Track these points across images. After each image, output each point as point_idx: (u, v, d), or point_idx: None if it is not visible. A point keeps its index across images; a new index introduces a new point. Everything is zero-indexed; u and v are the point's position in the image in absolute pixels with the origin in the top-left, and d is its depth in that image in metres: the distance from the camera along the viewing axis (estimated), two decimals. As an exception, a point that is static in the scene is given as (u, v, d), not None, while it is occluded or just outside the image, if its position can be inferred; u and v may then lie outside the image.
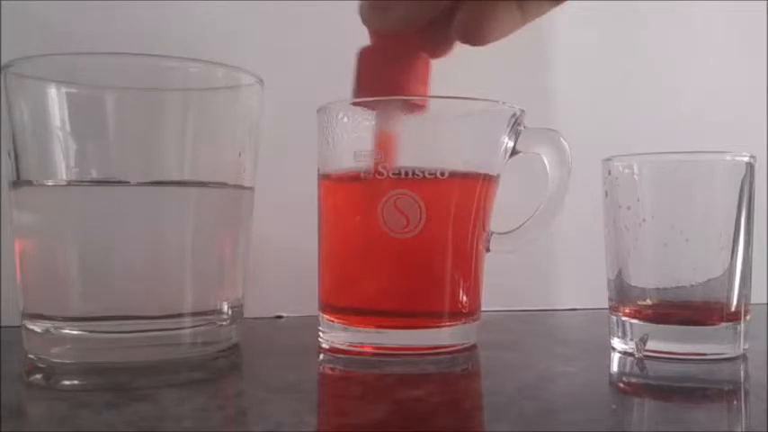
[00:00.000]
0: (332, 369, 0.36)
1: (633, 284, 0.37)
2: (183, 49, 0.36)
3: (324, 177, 0.39)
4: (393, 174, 0.36)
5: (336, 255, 0.39)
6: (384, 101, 0.36)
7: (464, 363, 0.37)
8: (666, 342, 0.36)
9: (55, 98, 0.34)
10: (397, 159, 0.36)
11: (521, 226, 0.39)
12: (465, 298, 0.38)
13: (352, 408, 0.29)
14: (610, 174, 0.38)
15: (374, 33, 0.35)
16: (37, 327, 0.35)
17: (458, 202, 0.37)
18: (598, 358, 0.38)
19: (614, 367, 0.36)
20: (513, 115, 0.38)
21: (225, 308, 0.37)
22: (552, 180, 0.39)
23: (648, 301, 0.37)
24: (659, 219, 0.37)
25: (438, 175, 0.36)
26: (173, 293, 0.35)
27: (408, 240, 0.36)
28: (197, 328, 0.36)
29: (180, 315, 0.35)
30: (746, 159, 0.37)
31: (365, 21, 0.34)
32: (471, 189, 0.37)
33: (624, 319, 0.38)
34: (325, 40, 0.49)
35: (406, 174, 0.36)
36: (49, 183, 0.34)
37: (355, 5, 0.33)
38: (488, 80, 0.50)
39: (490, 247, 0.39)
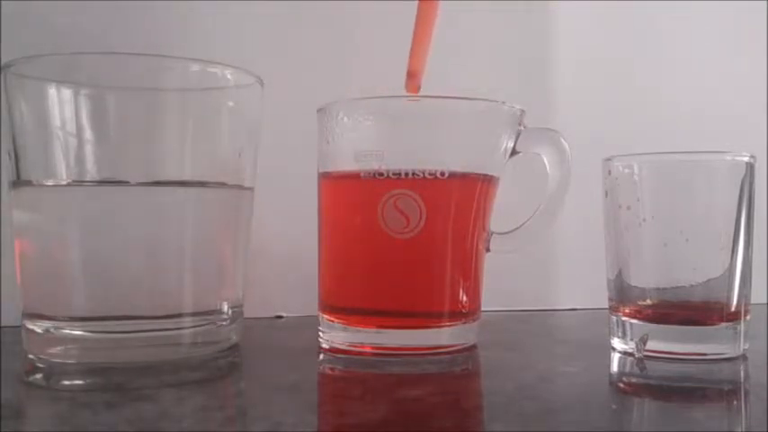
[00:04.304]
0: (332, 369, 0.36)
1: (633, 284, 0.37)
2: (183, 49, 0.36)
3: (324, 177, 0.39)
4: (393, 174, 0.36)
5: (336, 255, 0.39)
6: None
7: (464, 363, 0.37)
8: (666, 342, 0.36)
9: (55, 98, 0.34)
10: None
11: (521, 226, 0.39)
12: (465, 298, 0.38)
13: (351, 408, 0.29)
14: (610, 174, 0.38)
15: None
16: (37, 327, 0.34)
17: (458, 202, 0.37)
18: (598, 358, 0.38)
19: (614, 367, 0.36)
20: (513, 115, 0.38)
21: (225, 308, 0.37)
22: (552, 180, 0.39)
23: (648, 301, 0.37)
24: (659, 219, 0.37)
25: (438, 175, 0.36)
26: (173, 293, 0.35)
27: (408, 240, 0.36)
28: (197, 328, 0.36)
29: (180, 315, 0.35)
30: (746, 159, 0.37)
31: None
32: (471, 189, 0.37)
33: (624, 319, 0.38)
34: (326, 40, 0.49)
35: (406, 174, 0.36)
36: (50, 183, 0.34)
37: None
38: (489, 80, 0.50)
39: (490, 247, 0.39)
